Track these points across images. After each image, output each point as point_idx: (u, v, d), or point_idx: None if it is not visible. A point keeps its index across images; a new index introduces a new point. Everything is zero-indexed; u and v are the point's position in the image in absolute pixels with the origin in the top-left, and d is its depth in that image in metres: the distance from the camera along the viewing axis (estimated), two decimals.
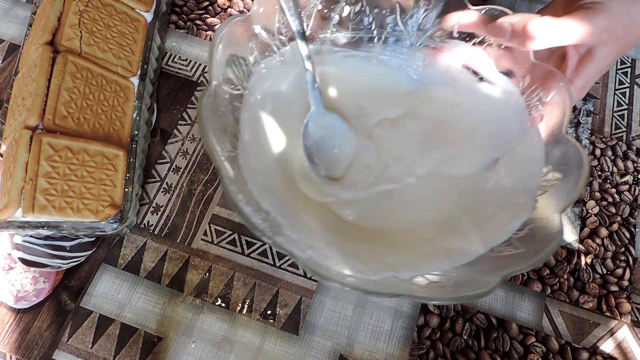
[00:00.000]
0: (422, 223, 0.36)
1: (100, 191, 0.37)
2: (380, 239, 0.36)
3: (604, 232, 0.45)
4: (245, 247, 0.43)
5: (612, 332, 0.42)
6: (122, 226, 0.38)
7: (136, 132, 0.42)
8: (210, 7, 0.53)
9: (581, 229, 0.45)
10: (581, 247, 0.45)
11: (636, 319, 0.42)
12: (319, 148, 0.39)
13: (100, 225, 0.37)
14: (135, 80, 0.43)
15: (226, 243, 0.43)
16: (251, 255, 0.43)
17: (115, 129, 0.40)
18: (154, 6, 0.47)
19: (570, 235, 0.45)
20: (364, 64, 0.42)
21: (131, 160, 0.40)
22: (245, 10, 0.54)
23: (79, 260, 0.40)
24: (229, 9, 0.54)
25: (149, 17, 0.46)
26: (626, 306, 0.43)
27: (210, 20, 0.53)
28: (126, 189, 0.39)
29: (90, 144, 0.37)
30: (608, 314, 0.42)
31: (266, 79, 0.38)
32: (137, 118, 0.42)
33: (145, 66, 0.44)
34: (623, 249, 0.45)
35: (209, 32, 0.52)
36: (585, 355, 0.41)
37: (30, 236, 0.38)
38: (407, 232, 0.36)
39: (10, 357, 0.38)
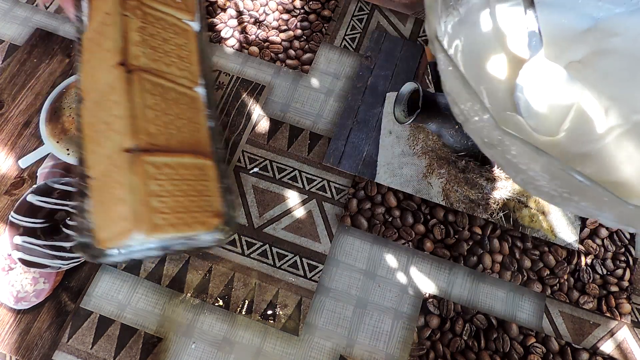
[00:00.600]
0: None
1: (203, 202, 0.36)
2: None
3: (604, 232, 0.45)
4: (245, 247, 0.43)
5: (612, 333, 0.42)
6: (229, 233, 0.38)
7: (216, 140, 0.41)
8: (210, 8, 0.53)
9: (581, 229, 0.45)
10: (581, 247, 0.45)
11: (636, 320, 0.42)
12: (535, 102, 0.36)
13: (213, 236, 0.36)
14: (200, 90, 0.43)
15: (226, 243, 0.43)
16: (251, 255, 0.43)
17: (197, 140, 0.40)
18: (198, 14, 0.47)
19: (570, 236, 0.45)
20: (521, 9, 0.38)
21: (220, 167, 0.40)
22: (245, 10, 0.54)
23: (79, 261, 0.40)
24: (229, 9, 0.54)
25: (195, 26, 0.46)
26: (626, 307, 0.43)
27: (210, 20, 0.53)
28: (227, 197, 0.38)
29: (183, 157, 0.37)
30: (608, 314, 0.42)
31: (457, 29, 0.35)
32: (213, 126, 0.42)
33: (207, 75, 0.44)
34: (623, 250, 0.45)
35: (209, 33, 0.52)
36: (585, 355, 0.41)
37: (30, 237, 0.38)
38: None
39: (10, 357, 0.38)
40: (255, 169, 0.46)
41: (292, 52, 0.52)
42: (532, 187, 0.30)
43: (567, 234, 0.45)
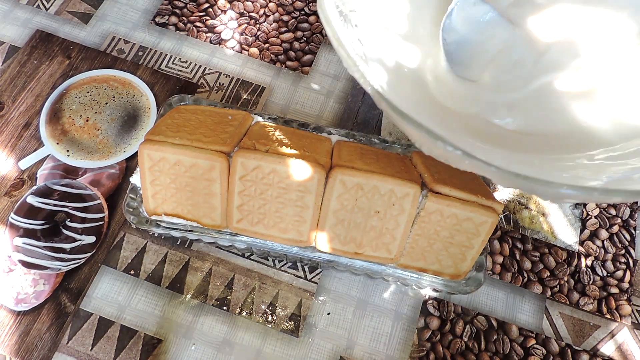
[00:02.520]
0: (601, 120, 0.31)
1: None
2: (555, 144, 0.31)
3: (604, 234, 0.45)
4: None
5: (612, 335, 0.42)
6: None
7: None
8: (210, 9, 0.54)
9: (581, 231, 0.45)
10: (581, 249, 0.45)
11: (636, 321, 0.42)
12: (463, 45, 0.35)
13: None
14: None
15: (226, 245, 0.43)
16: (251, 257, 0.43)
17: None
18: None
19: (571, 237, 0.45)
20: None
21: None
22: (245, 12, 0.54)
23: (79, 262, 0.40)
24: (229, 11, 0.54)
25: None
26: (626, 308, 0.43)
27: (210, 22, 0.53)
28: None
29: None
30: (608, 316, 0.42)
31: None
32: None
33: None
34: (623, 251, 0.45)
35: (209, 34, 0.52)
36: (585, 357, 0.41)
37: (30, 238, 0.38)
38: (583, 133, 0.31)
39: (10, 359, 0.38)
40: None
41: (292, 53, 0.52)
42: (419, 147, 0.29)
43: (567, 235, 0.45)
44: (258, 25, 0.53)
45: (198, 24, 0.53)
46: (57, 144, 0.44)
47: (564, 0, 0.36)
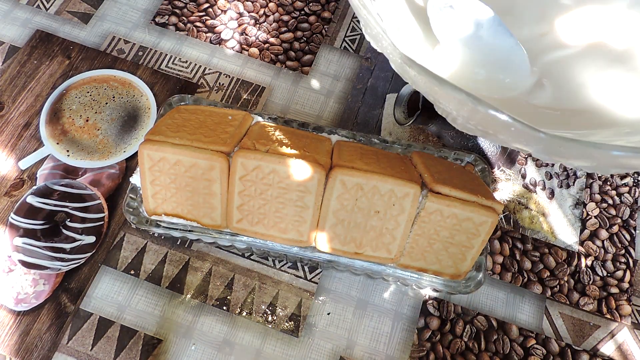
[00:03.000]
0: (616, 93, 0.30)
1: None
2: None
3: (604, 234, 0.45)
4: None
5: (612, 335, 0.42)
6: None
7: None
8: (210, 9, 0.54)
9: (581, 231, 0.45)
10: (581, 249, 0.45)
11: (636, 321, 0.42)
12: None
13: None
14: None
15: (227, 245, 0.43)
16: (251, 257, 0.43)
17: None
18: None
19: (571, 237, 0.45)
20: None
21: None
22: (245, 12, 0.54)
23: (79, 262, 0.40)
24: (229, 11, 0.54)
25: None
26: (626, 308, 0.43)
27: (210, 22, 0.53)
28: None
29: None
30: (608, 316, 0.42)
31: None
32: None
33: None
34: (623, 251, 0.45)
35: (209, 34, 0.52)
36: (585, 357, 0.41)
37: (30, 238, 0.38)
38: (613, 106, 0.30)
39: (10, 359, 0.38)
40: None
41: (292, 53, 0.52)
42: (452, 120, 0.29)
43: (567, 235, 0.45)
44: (258, 25, 0.53)
45: (198, 24, 0.53)
46: (57, 144, 0.44)
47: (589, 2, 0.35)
